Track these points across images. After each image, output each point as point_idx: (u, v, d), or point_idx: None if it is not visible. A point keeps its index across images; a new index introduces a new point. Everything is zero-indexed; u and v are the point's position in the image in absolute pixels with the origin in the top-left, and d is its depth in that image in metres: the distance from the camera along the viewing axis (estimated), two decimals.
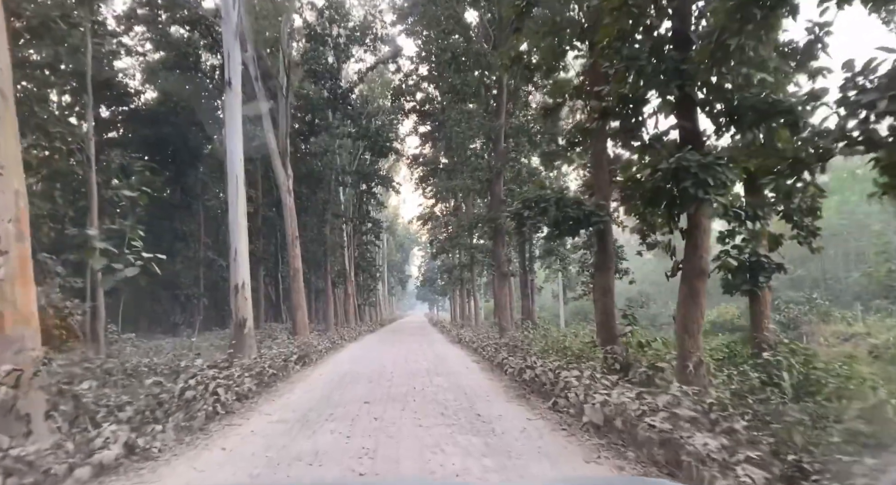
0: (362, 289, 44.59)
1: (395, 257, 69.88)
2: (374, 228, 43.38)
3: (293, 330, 22.68)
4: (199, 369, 10.02)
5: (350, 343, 21.33)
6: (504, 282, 22.27)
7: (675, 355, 10.46)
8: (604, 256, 12.30)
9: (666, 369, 9.06)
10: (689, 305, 8.22)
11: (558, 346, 14.57)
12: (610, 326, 12.17)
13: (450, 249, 33.19)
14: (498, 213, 21.56)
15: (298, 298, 22.42)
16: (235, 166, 17.28)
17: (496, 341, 15.81)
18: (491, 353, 13.44)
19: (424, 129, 34.19)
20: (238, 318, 16.62)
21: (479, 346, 15.99)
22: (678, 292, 8.34)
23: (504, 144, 21.90)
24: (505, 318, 21.94)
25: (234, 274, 16.86)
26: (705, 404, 5.96)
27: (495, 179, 21.88)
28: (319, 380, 11.10)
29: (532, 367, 9.49)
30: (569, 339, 16.87)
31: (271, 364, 11.65)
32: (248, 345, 16.61)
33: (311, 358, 14.50)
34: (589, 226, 12.09)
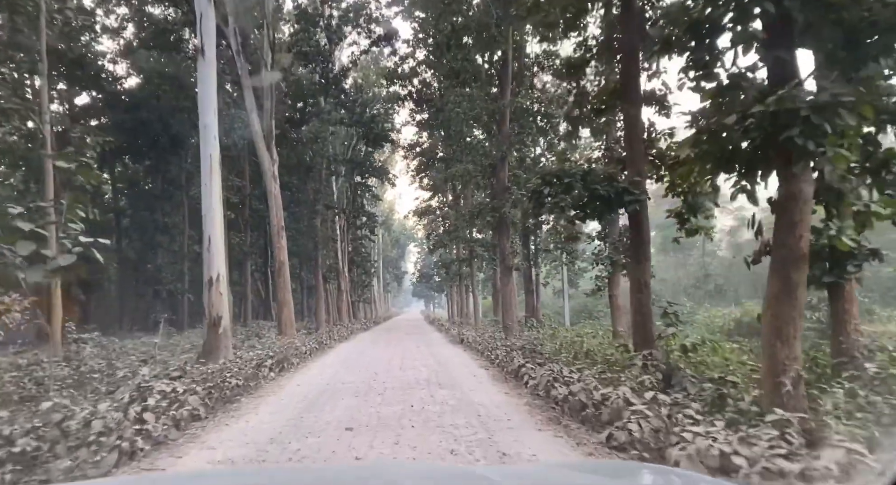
0: (356, 285, 42.30)
1: (391, 253, 67.57)
2: (368, 222, 41.19)
3: (279, 329, 20.47)
4: (142, 379, 7.82)
5: (340, 344, 19.06)
6: (509, 277, 20.07)
7: (750, 367, 8.32)
8: (639, 244, 10.10)
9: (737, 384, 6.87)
10: (782, 301, 5.99)
11: (576, 348, 12.39)
12: (647, 327, 9.96)
13: (448, 242, 30.94)
14: (502, 201, 19.38)
15: (284, 293, 20.17)
16: (209, 144, 15.07)
17: (505, 343, 13.61)
18: (502, 357, 11.23)
19: (421, 118, 32.02)
20: (212, 316, 14.47)
21: (484, 347, 13.80)
22: (767, 285, 6.11)
23: (509, 126, 19.69)
24: (510, 316, 19.74)
25: (208, 266, 14.68)
26: None
27: (499, 165, 19.66)
28: (294, 394, 8.86)
29: (567, 380, 7.26)
30: (585, 340, 14.71)
31: (237, 372, 9.42)
32: (222, 346, 14.44)
33: (291, 363, 12.27)
34: (621, 206, 9.90)
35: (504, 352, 11.77)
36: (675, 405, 5.82)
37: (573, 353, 11.71)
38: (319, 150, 27.80)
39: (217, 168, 15.07)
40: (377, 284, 58.08)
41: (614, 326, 17.58)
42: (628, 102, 10.14)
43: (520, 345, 12.51)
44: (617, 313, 17.75)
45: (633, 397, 5.89)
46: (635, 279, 10.14)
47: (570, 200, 9.78)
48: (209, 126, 15.00)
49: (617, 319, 17.76)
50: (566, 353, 11.68)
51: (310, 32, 27.15)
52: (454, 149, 27.10)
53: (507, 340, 15.49)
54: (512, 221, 19.89)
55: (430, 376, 10.37)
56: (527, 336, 17.17)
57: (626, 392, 6.02)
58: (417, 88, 29.71)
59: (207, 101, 14.95)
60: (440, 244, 31.46)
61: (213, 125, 15.03)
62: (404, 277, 78.33)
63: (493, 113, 19.63)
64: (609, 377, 7.96)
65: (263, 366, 10.73)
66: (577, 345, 13.17)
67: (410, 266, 76.76)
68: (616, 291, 17.73)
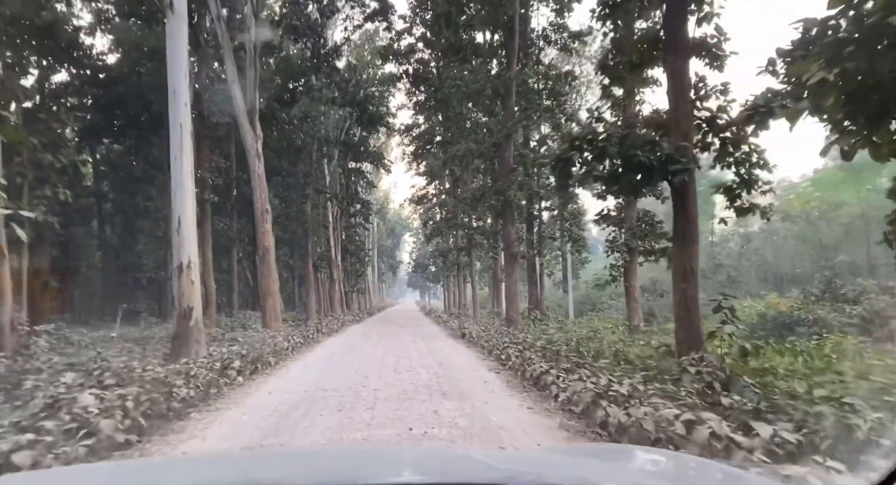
0: (350, 275, 40.38)
1: (386, 243, 65.56)
2: (362, 210, 39.16)
3: (263, 321, 18.56)
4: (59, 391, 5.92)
5: (328, 338, 17.14)
6: (513, 265, 18.21)
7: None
8: (685, 223, 8.22)
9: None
10: None
11: (597, 346, 10.54)
12: (693, 324, 8.12)
13: (446, 230, 29.02)
14: (507, 183, 17.48)
15: (269, 282, 18.26)
16: (179, 112, 13.12)
17: (514, 339, 11.75)
18: (515, 359, 9.36)
19: (418, 99, 30.00)
20: (182, 307, 12.61)
21: (491, 344, 11.93)
22: None
23: (515, 102, 17.75)
24: (514, 308, 17.91)
25: (178, 250, 12.80)
26: None
27: (504, 144, 17.73)
28: (262, 406, 6.97)
29: (618, 398, 5.37)
30: (604, 337, 12.91)
31: (196, 377, 7.51)
32: (193, 341, 12.55)
33: (267, 362, 10.36)
34: (664, 177, 8.01)
35: (516, 351, 9.91)
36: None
37: (592, 351, 9.86)
38: (309, 130, 25.77)
39: (188, 140, 13.14)
40: (371, 274, 56.15)
41: (630, 320, 15.77)
42: (673, 52, 8.23)
43: (533, 342, 10.67)
44: (633, 306, 15.94)
45: (728, 429, 4.02)
46: (680, 266, 8.26)
47: (605, 168, 7.89)
48: (179, 91, 13.05)
49: (633, 312, 15.94)
50: (585, 350, 9.83)
51: (300, 4, 25.08)
52: (453, 131, 25.19)
53: (514, 334, 13.65)
54: (517, 206, 17.98)
55: (431, 380, 8.49)
56: (534, 330, 15.35)
57: (715, 424, 4.15)
58: (414, 67, 27.72)
59: (177, 62, 12.98)
60: (437, 232, 29.52)
61: (184, 90, 13.09)
62: (399, 267, 76.34)
63: (498, 88, 17.65)
64: (660, 390, 6.11)
65: (231, 368, 8.80)
66: (597, 342, 11.34)
67: (406, 256, 74.81)
68: (633, 282, 15.91)
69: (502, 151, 17.88)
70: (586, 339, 12.77)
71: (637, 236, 15.45)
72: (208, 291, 23.76)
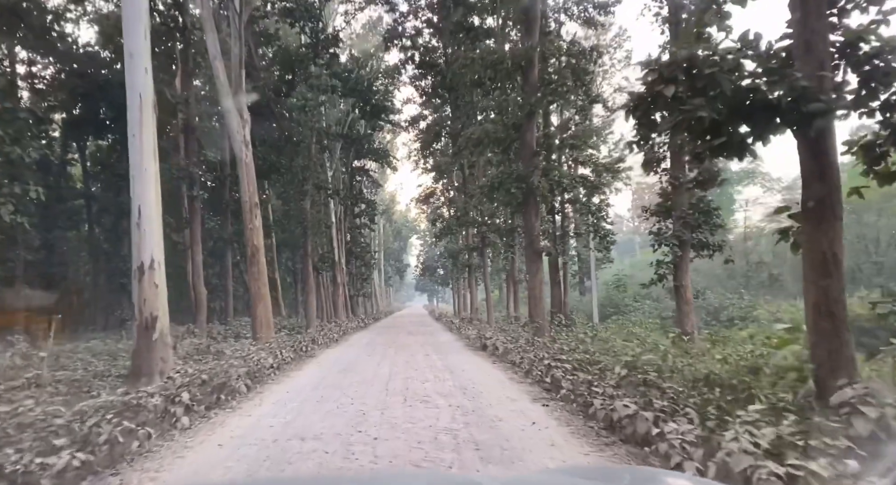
0: (355, 278, 37.78)
1: (393, 245, 62.92)
2: (368, 210, 36.68)
3: (253, 330, 16.00)
4: None
5: (325, 350, 14.44)
6: (537, 264, 15.56)
7: None
8: (824, 188, 5.54)
9: None
10: None
11: (664, 364, 7.88)
12: (841, 338, 5.43)
13: (456, 229, 26.37)
14: (530, 168, 14.86)
15: (259, 286, 15.67)
16: (138, 79, 10.67)
17: (552, 353, 9.09)
18: (566, 383, 6.72)
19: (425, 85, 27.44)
20: (143, 316, 10.16)
21: (523, 359, 9.27)
22: None
23: (539, 74, 15.13)
24: (539, 312, 15.26)
25: (138, 247, 10.32)
26: None
27: (526, 124, 15.11)
28: (206, 470, 4.36)
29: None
30: (657, 347, 10.29)
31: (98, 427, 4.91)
32: (156, 358, 10.09)
33: (234, 389, 7.75)
34: (794, 122, 5.38)
35: (564, 372, 7.27)
36: None
37: (667, 371, 7.22)
38: (307, 120, 23.24)
39: (150, 113, 10.67)
40: (378, 278, 53.54)
41: (682, 326, 13.06)
42: None
43: (583, 359, 8.00)
44: (686, 309, 13.24)
45: None
46: (817, 253, 5.59)
47: (712, 108, 5.24)
48: (137, 54, 10.60)
49: (686, 317, 13.23)
50: (653, 370, 7.18)
51: None
52: (463, 120, 22.65)
53: (546, 345, 10.98)
54: (541, 195, 15.34)
55: (456, 420, 5.86)
56: (566, 338, 12.69)
57: None
58: (420, 54, 25.20)
59: (133, 20, 10.55)
60: (448, 231, 26.88)
61: (143, 53, 10.63)
62: (406, 270, 73.65)
63: (518, 59, 15.03)
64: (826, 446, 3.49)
65: (178, 403, 6.20)
66: (659, 357, 8.68)
67: (413, 259, 72.11)
68: (685, 281, 13.21)
69: (523, 132, 15.26)
70: (641, 352, 10.14)
71: (690, 227, 12.80)
72: (199, 297, 21.25)
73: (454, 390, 7.62)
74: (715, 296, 22.19)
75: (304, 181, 23.01)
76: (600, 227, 19.20)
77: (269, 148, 26.16)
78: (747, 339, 11.68)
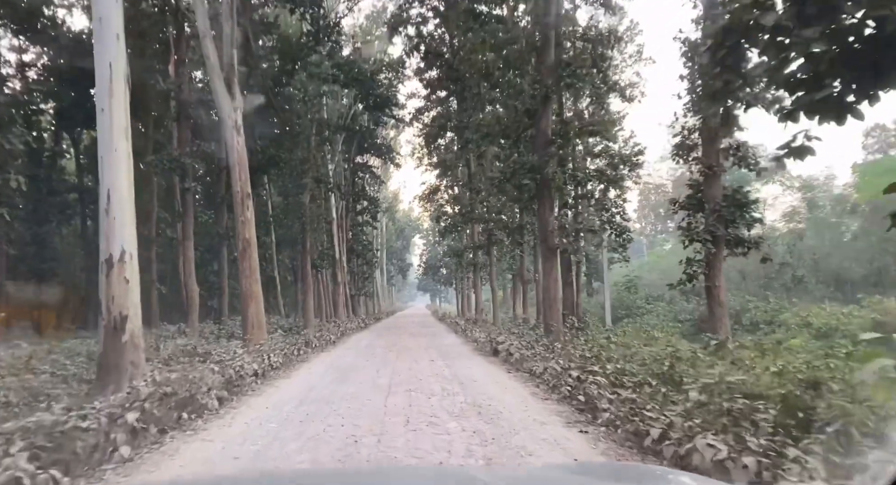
0: (356, 277, 36.47)
1: (395, 244, 61.53)
2: (370, 207, 35.36)
3: (244, 330, 14.66)
4: None
5: (320, 354, 13.02)
6: (552, 261, 14.19)
7: None
8: None
9: None
10: None
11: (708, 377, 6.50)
12: None
13: (462, 225, 25.01)
14: (545, 157, 13.50)
15: (250, 283, 14.32)
16: (108, 47, 9.35)
17: (580, 364, 7.72)
18: (608, 404, 5.37)
19: (430, 82, 26.13)
20: (111, 316, 8.85)
21: (545, 368, 7.90)
22: None
23: (555, 56, 13.77)
24: (554, 314, 13.90)
25: (107, 237, 8.97)
26: None
27: (541, 110, 13.74)
28: None
29: None
30: (697, 356, 8.97)
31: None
32: (126, 364, 8.77)
33: (202, 405, 6.40)
34: None
35: (600, 388, 5.92)
36: None
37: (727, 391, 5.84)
38: (307, 111, 21.92)
39: (121, 85, 9.33)
40: (380, 277, 52.20)
41: (714, 332, 11.66)
42: None
43: (620, 371, 6.65)
44: (719, 313, 11.85)
45: None
46: None
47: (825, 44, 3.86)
48: (107, 18, 9.25)
49: (719, 322, 11.84)
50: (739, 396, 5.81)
51: None
52: (471, 110, 21.31)
53: (569, 352, 9.61)
54: (556, 186, 13.98)
55: (474, 455, 4.45)
56: (586, 344, 11.32)
57: None
58: (427, 43, 23.87)
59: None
60: (453, 227, 25.52)
61: (114, 17, 9.29)
62: (409, 269, 72.24)
63: (533, 38, 13.69)
64: None
65: (122, 425, 4.85)
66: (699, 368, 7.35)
67: (416, 259, 70.66)
68: (718, 281, 11.83)
69: (538, 119, 13.90)
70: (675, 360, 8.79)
71: (724, 220, 11.43)
72: (191, 295, 19.91)
73: (467, 409, 6.25)
74: (734, 298, 20.76)
75: (303, 174, 21.68)
76: (616, 223, 17.80)
77: (269, 141, 24.89)
78: (796, 346, 10.30)
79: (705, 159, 11.75)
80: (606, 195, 18.18)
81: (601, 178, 17.68)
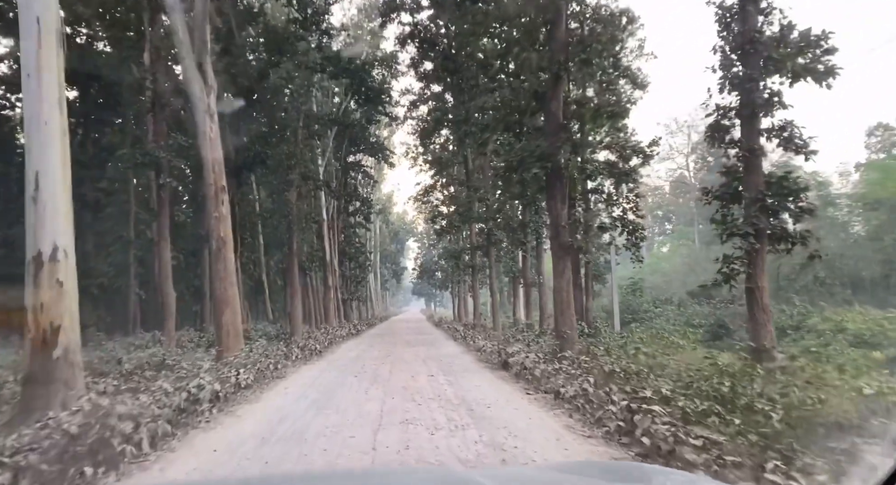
0: (349, 281, 34.66)
1: (389, 248, 59.68)
2: (363, 208, 33.59)
3: (217, 340, 12.87)
4: None
5: (301, 368, 11.07)
6: (564, 261, 12.47)
7: None
8: None
9: None
10: None
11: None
12: None
13: (459, 225, 23.31)
14: (557, 143, 11.81)
15: (224, 286, 12.50)
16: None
17: (615, 382, 5.99)
18: (696, 455, 3.66)
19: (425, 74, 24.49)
20: (40, 327, 7.09)
21: (579, 391, 6.18)
22: None
23: (566, 30, 12.12)
24: (567, 320, 12.18)
25: (34, 230, 7.17)
26: None
27: (551, 91, 12.07)
28: None
29: None
30: (752, 374, 7.34)
31: None
32: (59, 385, 7.03)
33: (117, 454, 4.61)
34: None
35: (665, 425, 4.21)
36: None
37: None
38: (293, 102, 20.19)
39: (53, 45, 7.63)
40: (373, 281, 50.32)
41: (757, 340, 10.01)
42: None
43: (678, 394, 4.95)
44: (762, 318, 10.19)
45: None
46: None
47: None
48: None
49: (762, 328, 10.17)
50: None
51: None
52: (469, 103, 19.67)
53: (600, 367, 7.90)
54: (569, 175, 12.28)
55: None
56: (614, 356, 9.67)
57: None
58: (420, 30, 22.26)
59: None
60: (450, 226, 23.81)
61: None
62: (403, 273, 70.35)
63: (543, 11, 12.00)
64: None
65: None
66: (765, 387, 5.70)
67: (410, 263, 68.79)
68: (760, 281, 10.20)
69: (548, 101, 12.22)
70: (731, 378, 7.17)
71: (768, 212, 9.78)
72: (166, 300, 18.02)
73: (485, 453, 4.50)
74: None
75: (290, 169, 19.91)
76: (629, 220, 16.15)
77: (254, 137, 23.16)
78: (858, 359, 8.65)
79: (745, 141, 10.09)
80: (618, 190, 16.54)
81: (611, 171, 16.04)
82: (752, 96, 9.75)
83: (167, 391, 7.15)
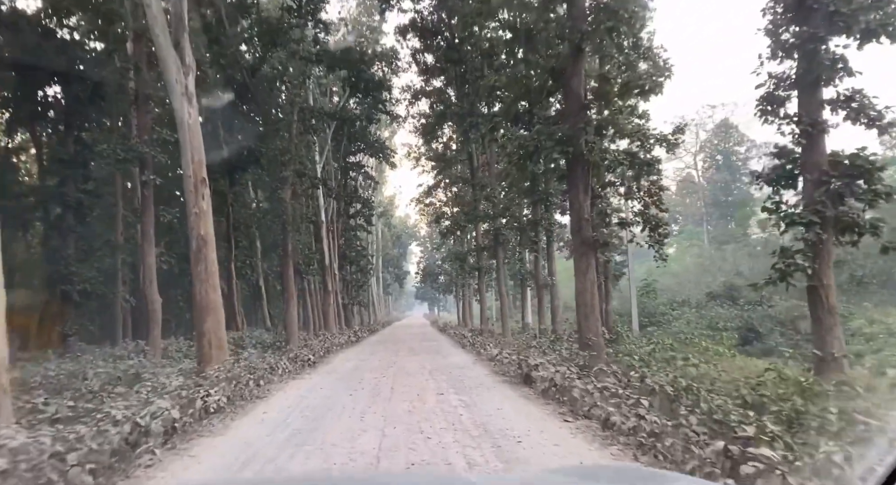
0: (349, 285, 33.11)
1: (392, 251, 58.12)
2: (364, 210, 32.13)
3: (198, 352, 11.34)
4: None
5: (288, 384, 9.34)
6: (587, 258, 10.95)
7: None
8: None
9: None
10: None
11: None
12: None
13: (464, 225, 21.78)
14: (579, 124, 10.29)
15: (205, 290, 10.97)
16: None
17: (684, 404, 4.43)
18: None
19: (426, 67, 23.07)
20: None
21: (638, 424, 4.65)
22: None
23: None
24: (592, 326, 10.64)
25: None
26: None
27: (570, 67, 10.56)
28: None
29: None
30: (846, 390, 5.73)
31: None
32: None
33: None
34: None
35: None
36: None
37: None
38: (287, 95, 18.74)
39: None
40: (375, 285, 48.73)
41: (823, 347, 8.39)
42: None
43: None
44: (829, 322, 8.62)
45: None
46: None
47: None
48: None
49: (828, 333, 8.56)
50: None
51: None
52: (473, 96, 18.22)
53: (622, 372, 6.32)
54: (594, 162, 10.73)
55: None
56: (655, 368, 8.10)
57: None
58: (421, 19, 20.85)
59: None
60: (456, 225, 22.28)
61: None
62: (406, 278, 68.74)
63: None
64: None
65: None
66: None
67: (413, 267, 67.15)
68: (825, 278, 8.61)
69: (567, 78, 10.70)
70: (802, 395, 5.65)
71: (835, 200, 8.21)
72: (151, 306, 16.44)
73: None
74: (783, 302, 17.54)
75: (284, 166, 18.40)
76: (652, 215, 14.56)
77: (255, 137, 21.76)
78: None
79: (804, 114, 8.53)
80: (638, 182, 14.97)
81: (632, 162, 14.47)
82: (814, 60, 8.18)
83: (115, 420, 5.60)
